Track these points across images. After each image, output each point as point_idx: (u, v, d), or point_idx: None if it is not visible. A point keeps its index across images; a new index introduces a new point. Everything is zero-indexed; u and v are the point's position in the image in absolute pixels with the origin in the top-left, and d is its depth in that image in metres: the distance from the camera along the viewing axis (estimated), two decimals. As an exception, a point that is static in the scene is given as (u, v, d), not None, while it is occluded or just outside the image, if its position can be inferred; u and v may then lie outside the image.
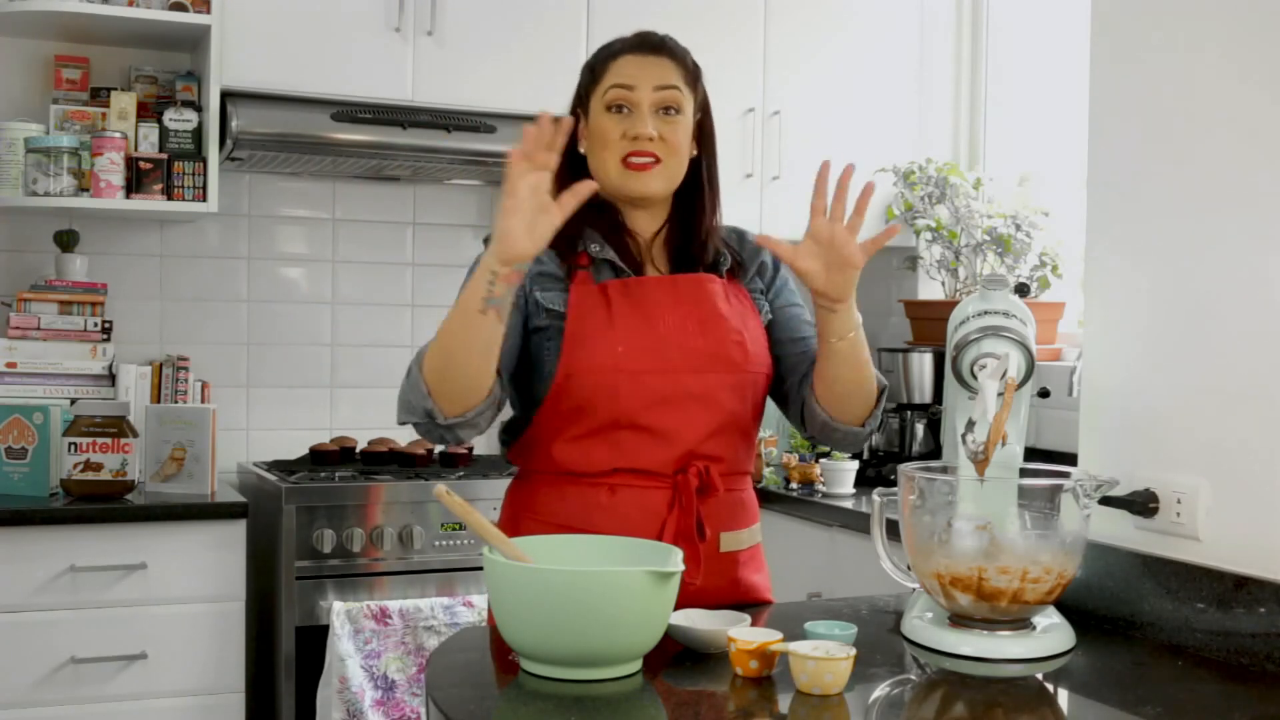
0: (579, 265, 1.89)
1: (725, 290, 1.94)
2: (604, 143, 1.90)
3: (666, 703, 1.49)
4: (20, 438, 3.03)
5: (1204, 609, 1.70)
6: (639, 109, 1.89)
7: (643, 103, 1.89)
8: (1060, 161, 3.69)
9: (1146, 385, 1.85)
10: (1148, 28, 1.87)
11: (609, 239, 1.91)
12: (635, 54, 1.93)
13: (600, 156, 1.90)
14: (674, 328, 1.86)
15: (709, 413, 1.86)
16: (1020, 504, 1.65)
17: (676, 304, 1.88)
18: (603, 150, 1.90)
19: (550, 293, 1.87)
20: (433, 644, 3.06)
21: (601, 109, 1.91)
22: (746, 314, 1.95)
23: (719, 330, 1.89)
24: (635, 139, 1.88)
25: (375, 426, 3.73)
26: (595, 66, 1.95)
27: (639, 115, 1.89)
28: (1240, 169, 1.73)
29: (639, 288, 1.89)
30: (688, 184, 1.97)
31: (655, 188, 1.90)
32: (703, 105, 1.99)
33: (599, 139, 1.90)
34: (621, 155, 1.88)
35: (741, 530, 1.94)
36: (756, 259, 2.02)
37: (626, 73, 1.91)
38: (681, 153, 1.92)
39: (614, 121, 1.89)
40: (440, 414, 1.76)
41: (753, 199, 3.74)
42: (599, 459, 1.85)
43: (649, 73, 1.90)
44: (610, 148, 1.89)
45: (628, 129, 1.88)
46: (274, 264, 3.73)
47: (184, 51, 3.52)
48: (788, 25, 3.80)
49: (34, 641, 2.88)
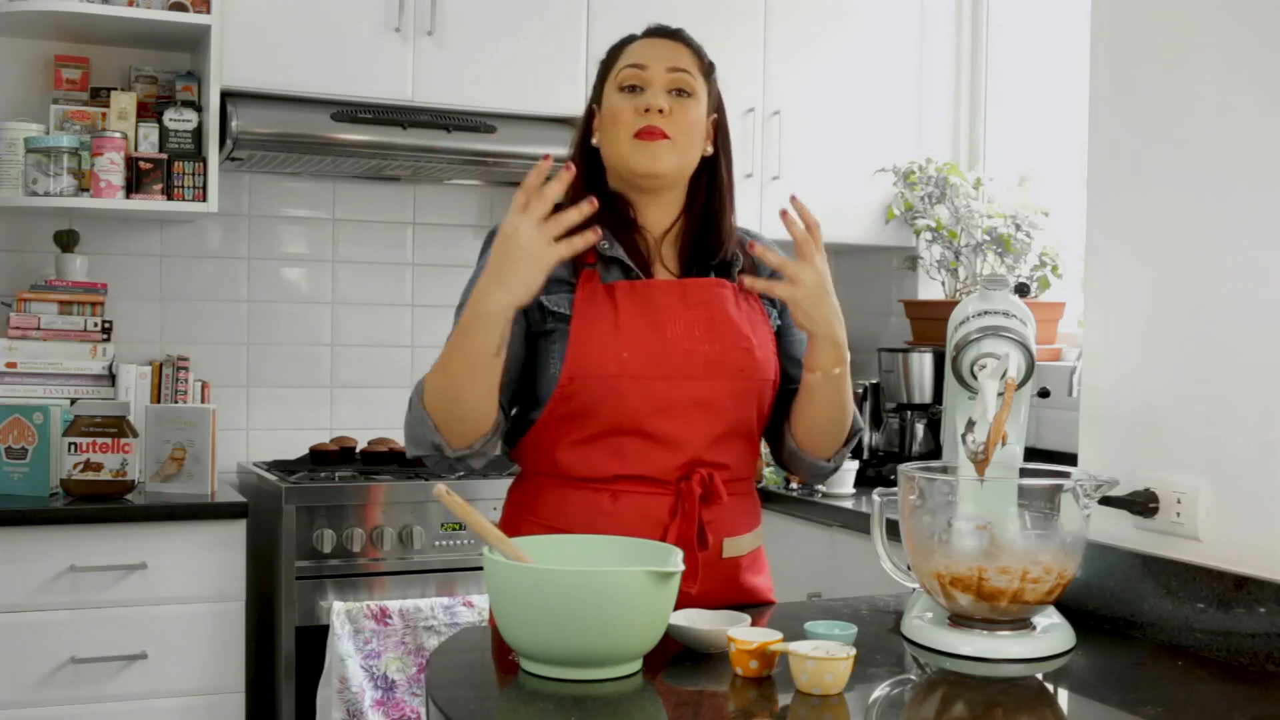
0: (586, 263, 1.87)
1: (735, 295, 1.92)
2: (615, 120, 1.89)
3: (666, 703, 1.49)
4: (20, 438, 3.03)
5: (1204, 609, 1.70)
6: (651, 86, 1.89)
7: (655, 81, 1.89)
8: (1060, 161, 3.69)
9: (1146, 385, 1.85)
10: (1148, 28, 1.87)
11: (619, 236, 1.90)
12: (650, 39, 1.95)
13: (612, 134, 1.90)
14: (681, 333, 1.85)
15: (714, 420, 1.85)
16: (1020, 504, 1.65)
17: (684, 308, 1.87)
18: (614, 128, 1.90)
19: (556, 295, 1.86)
20: (433, 644, 3.06)
21: (614, 90, 1.91)
22: (756, 319, 1.93)
23: (727, 336, 1.87)
24: (646, 112, 1.88)
25: (375, 426, 3.73)
26: (609, 55, 1.97)
27: (651, 92, 1.89)
28: (1240, 168, 1.73)
29: (646, 290, 1.87)
30: (705, 182, 1.96)
31: (666, 164, 1.88)
32: (718, 104, 1.99)
33: (611, 119, 1.90)
34: (633, 130, 1.88)
35: (744, 535, 1.93)
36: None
37: (640, 54, 1.92)
38: (692, 134, 1.91)
39: (626, 99, 1.90)
40: (448, 447, 1.79)
41: (753, 199, 3.74)
42: (602, 465, 1.84)
43: (662, 54, 1.92)
44: (621, 124, 1.89)
45: (639, 104, 1.89)
46: (274, 264, 3.73)
47: (184, 51, 3.52)
48: (788, 25, 3.80)
49: (34, 641, 2.88)
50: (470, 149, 3.44)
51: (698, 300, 1.88)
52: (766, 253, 1.78)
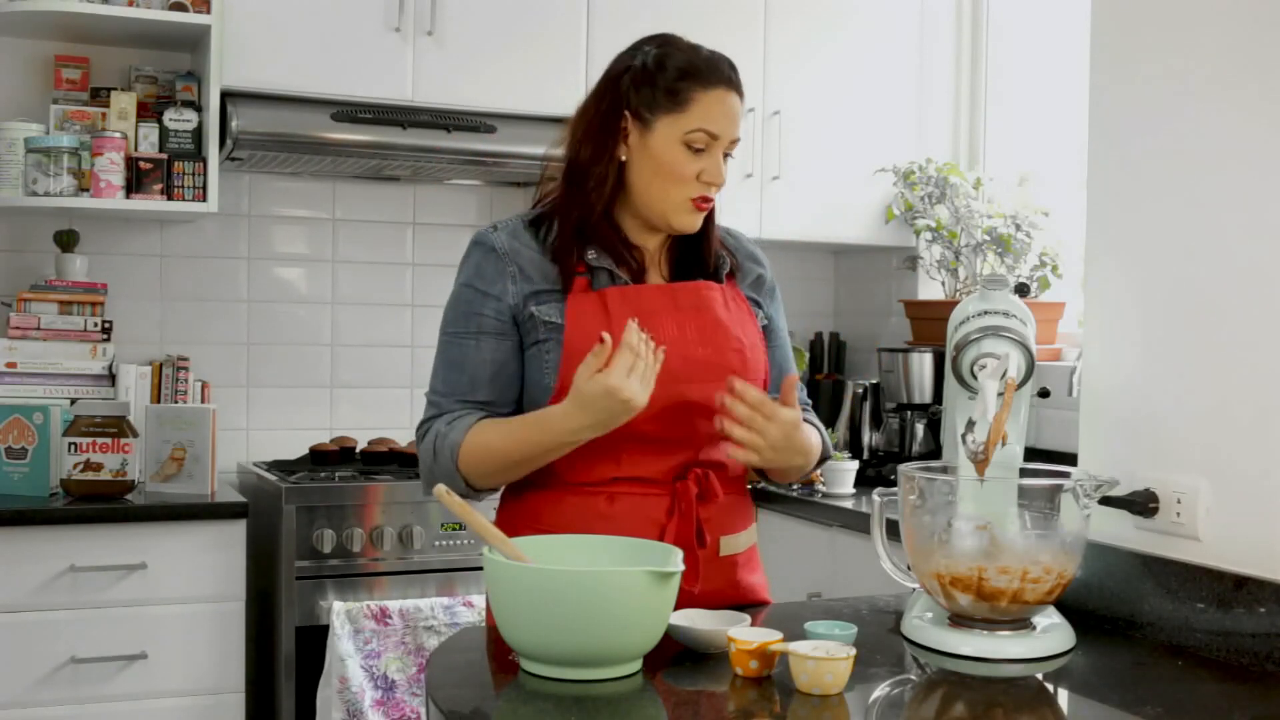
0: (576, 272, 1.87)
1: (724, 296, 1.93)
2: (675, 177, 1.85)
3: (666, 703, 1.49)
4: (20, 438, 3.03)
5: (1204, 609, 1.70)
6: (714, 151, 1.86)
7: (720, 149, 1.87)
8: (1060, 161, 3.69)
9: (1146, 385, 1.85)
10: (1147, 28, 1.87)
11: (607, 247, 1.89)
12: (724, 90, 1.87)
13: (665, 188, 1.86)
14: (674, 337, 1.85)
15: (709, 421, 1.84)
16: (1020, 504, 1.65)
17: (676, 312, 1.87)
18: (673, 184, 1.86)
19: (547, 305, 1.86)
20: (433, 644, 3.06)
21: (677, 141, 1.85)
22: (745, 320, 1.94)
23: (719, 338, 1.88)
24: (709, 185, 1.86)
25: (375, 426, 3.73)
26: (676, 90, 1.85)
27: (714, 159, 1.86)
28: (1240, 169, 1.73)
29: (637, 296, 1.87)
30: None
31: (700, 222, 1.91)
32: None
33: (669, 170, 1.85)
34: (692, 195, 1.86)
35: (740, 533, 1.94)
36: (755, 271, 2.02)
37: (715, 117, 1.85)
38: None
39: (689, 158, 1.85)
40: (472, 491, 1.86)
41: (753, 199, 3.74)
42: (598, 469, 1.84)
43: (733, 122, 1.87)
44: (683, 185, 1.86)
45: (703, 172, 1.86)
46: (274, 264, 3.73)
47: (184, 51, 3.52)
48: (788, 25, 3.80)
49: (34, 641, 2.88)
50: (470, 149, 3.44)
51: (688, 304, 1.88)
52: (736, 405, 1.78)
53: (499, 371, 1.87)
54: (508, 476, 1.87)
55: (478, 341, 1.87)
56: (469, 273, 1.90)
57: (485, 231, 1.92)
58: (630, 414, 1.72)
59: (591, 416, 1.72)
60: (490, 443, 1.81)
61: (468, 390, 1.87)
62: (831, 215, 3.86)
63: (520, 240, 1.89)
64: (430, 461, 1.85)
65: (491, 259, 1.88)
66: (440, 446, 1.83)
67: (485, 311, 1.87)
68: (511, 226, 1.92)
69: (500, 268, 1.87)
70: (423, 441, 1.87)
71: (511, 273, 1.87)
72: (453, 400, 1.87)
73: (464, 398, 1.87)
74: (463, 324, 1.88)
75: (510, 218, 1.95)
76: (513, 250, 1.88)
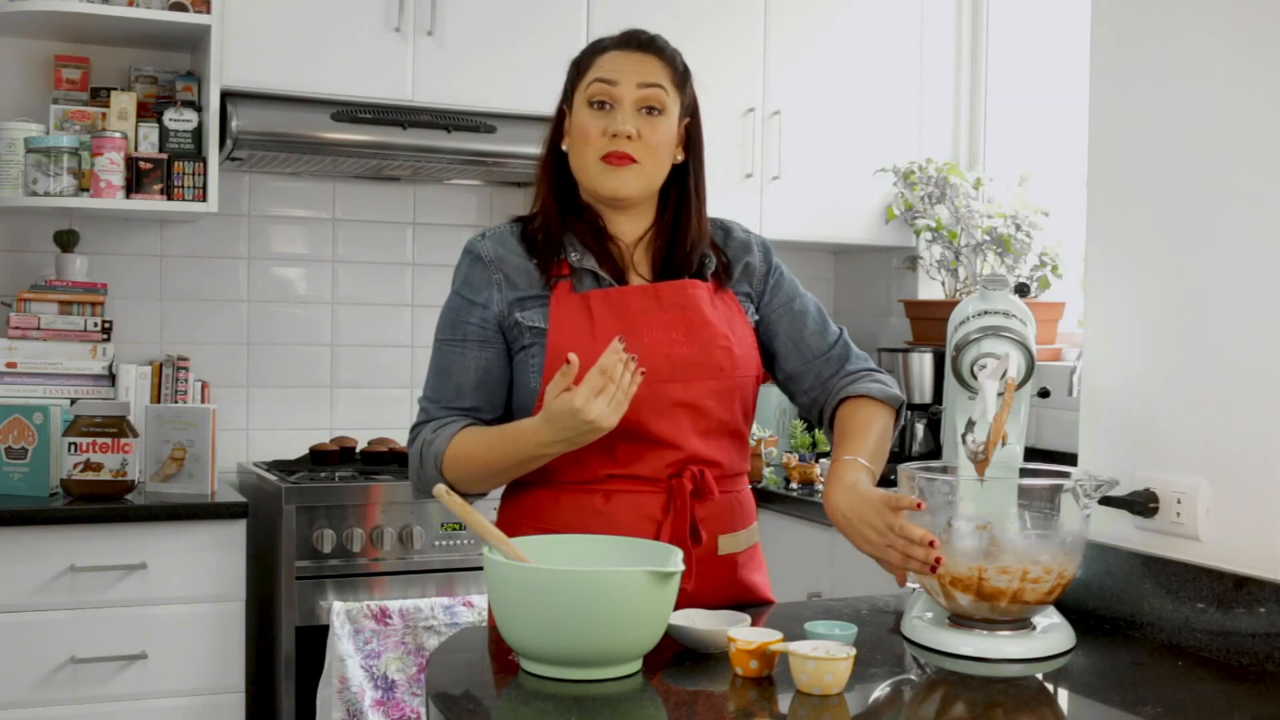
0: (560, 275, 1.87)
1: (710, 295, 1.91)
2: (584, 139, 1.88)
3: (666, 703, 1.49)
4: (20, 438, 3.03)
5: (1204, 609, 1.70)
6: (620, 105, 1.87)
7: (624, 99, 1.87)
8: (1060, 161, 3.69)
9: (1146, 385, 1.85)
10: (1147, 28, 1.87)
11: (590, 246, 1.89)
12: (622, 50, 1.91)
13: (580, 153, 1.89)
14: (659, 338, 1.84)
15: (698, 420, 1.85)
16: (1020, 504, 1.65)
17: (660, 312, 1.86)
18: (582, 146, 1.88)
19: (530, 310, 1.86)
20: (433, 644, 3.06)
21: (583, 104, 1.89)
22: (734, 317, 1.93)
23: (704, 337, 1.87)
24: (614, 137, 1.86)
25: (375, 426, 3.73)
26: (581, 61, 1.93)
27: (620, 112, 1.87)
28: (1240, 169, 1.73)
29: (620, 298, 1.87)
30: (673, 190, 1.95)
31: (631, 188, 1.88)
32: (691, 109, 1.95)
33: (579, 135, 1.88)
34: (600, 153, 1.86)
35: (739, 532, 1.94)
36: (743, 259, 1.98)
37: (610, 68, 1.89)
38: (660, 154, 1.89)
39: (595, 117, 1.87)
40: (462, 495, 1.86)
41: (753, 199, 3.75)
42: (593, 467, 1.84)
43: (633, 69, 1.88)
44: (590, 144, 1.87)
45: (607, 125, 1.86)
46: (274, 264, 3.73)
47: (184, 51, 3.52)
48: (788, 25, 3.80)
49: (34, 641, 2.88)
50: (470, 149, 3.44)
51: (673, 303, 1.88)
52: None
53: (484, 379, 1.88)
54: (494, 482, 1.87)
55: (464, 349, 1.88)
56: (459, 281, 1.93)
57: (474, 239, 1.94)
58: (598, 434, 1.71)
59: (558, 434, 1.72)
60: (471, 453, 1.82)
61: (454, 397, 1.89)
62: (831, 215, 3.86)
63: (506, 247, 1.90)
64: (418, 467, 1.87)
65: (478, 267, 1.90)
66: (426, 454, 1.85)
67: (471, 320, 1.88)
68: (499, 233, 1.93)
69: (486, 276, 1.89)
70: (411, 446, 1.90)
71: (497, 280, 1.88)
72: (440, 407, 1.89)
73: (451, 404, 1.89)
74: (450, 332, 1.91)
75: (502, 223, 1.97)
76: (498, 258, 1.89)
